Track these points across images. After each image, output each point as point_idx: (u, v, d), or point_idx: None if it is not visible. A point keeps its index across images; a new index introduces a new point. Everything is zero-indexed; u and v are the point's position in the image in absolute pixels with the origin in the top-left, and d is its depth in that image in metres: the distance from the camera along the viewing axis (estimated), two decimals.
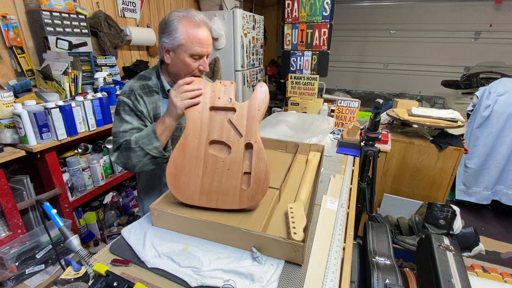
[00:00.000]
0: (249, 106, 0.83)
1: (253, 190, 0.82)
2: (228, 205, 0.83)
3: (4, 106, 1.38)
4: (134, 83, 1.03)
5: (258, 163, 0.81)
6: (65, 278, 0.63)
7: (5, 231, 1.42)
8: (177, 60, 0.99)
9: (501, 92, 2.29)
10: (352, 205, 1.05)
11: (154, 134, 0.91)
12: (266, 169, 0.81)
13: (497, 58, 3.83)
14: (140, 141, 0.91)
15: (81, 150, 1.81)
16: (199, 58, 1.00)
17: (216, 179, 0.84)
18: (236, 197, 0.83)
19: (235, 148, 0.83)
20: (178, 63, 1.00)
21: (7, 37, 1.69)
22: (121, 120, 0.98)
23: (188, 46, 0.95)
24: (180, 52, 0.97)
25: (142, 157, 0.93)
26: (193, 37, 0.95)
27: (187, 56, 0.97)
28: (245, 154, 0.83)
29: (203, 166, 0.84)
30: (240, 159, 0.82)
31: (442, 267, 0.93)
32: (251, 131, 0.82)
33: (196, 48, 0.96)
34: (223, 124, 0.84)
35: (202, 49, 0.97)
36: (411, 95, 4.62)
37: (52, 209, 0.71)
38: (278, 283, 0.66)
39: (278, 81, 5.02)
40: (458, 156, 1.88)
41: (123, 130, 0.96)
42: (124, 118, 0.98)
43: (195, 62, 0.99)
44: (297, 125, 1.93)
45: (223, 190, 0.84)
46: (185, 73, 1.01)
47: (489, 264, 1.98)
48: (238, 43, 3.04)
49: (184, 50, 0.96)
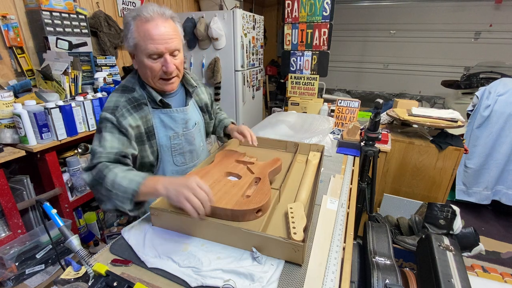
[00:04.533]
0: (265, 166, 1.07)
1: (251, 199, 0.85)
2: (222, 204, 0.81)
3: (4, 106, 1.38)
4: (118, 97, 0.92)
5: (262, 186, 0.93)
6: (65, 278, 0.63)
7: (5, 231, 1.42)
8: (140, 64, 0.91)
9: (501, 92, 2.29)
10: (352, 205, 1.05)
11: (132, 197, 0.76)
12: (268, 189, 0.90)
13: (497, 58, 3.83)
14: (114, 189, 0.77)
15: (81, 150, 1.81)
16: (158, 57, 0.88)
17: (221, 188, 0.91)
18: (235, 198, 0.85)
19: (245, 178, 0.99)
20: (141, 67, 0.91)
21: (7, 37, 1.69)
22: (100, 138, 0.86)
23: (141, 45, 0.86)
24: (138, 54, 0.89)
25: (107, 201, 0.79)
26: (144, 34, 0.84)
27: (145, 57, 0.87)
28: (252, 182, 0.97)
29: (214, 182, 0.94)
30: (247, 183, 0.95)
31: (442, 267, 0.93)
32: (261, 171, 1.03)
33: (149, 46, 0.85)
34: (242, 167, 1.07)
35: (156, 46, 0.85)
36: (411, 95, 4.62)
37: (52, 209, 0.71)
38: (278, 283, 0.66)
39: (278, 81, 5.02)
40: (458, 156, 1.88)
41: (99, 151, 0.84)
42: (104, 137, 0.86)
43: (156, 63, 0.88)
44: (297, 125, 1.93)
45: (223, 191, 0.88)
46: (151, 77, 0.92)
47: (489, 264, 1.98)
48: (238, 43, 3.04)
49: (140, 51, 0.87)
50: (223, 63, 3.14)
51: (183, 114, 1.04)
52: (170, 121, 1.01)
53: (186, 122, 1.06)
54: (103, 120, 0.88)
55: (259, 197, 0.85)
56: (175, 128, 1.03)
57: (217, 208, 0.80)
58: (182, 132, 1.05)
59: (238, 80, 3.20)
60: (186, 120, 1.06)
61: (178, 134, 1.04)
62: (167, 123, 1.01)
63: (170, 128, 1.02)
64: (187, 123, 1.07)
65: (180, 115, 1.03)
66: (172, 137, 1.03)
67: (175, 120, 1.02)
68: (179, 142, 1.05)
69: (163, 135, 1.01)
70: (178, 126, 1.03)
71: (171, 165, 1.07)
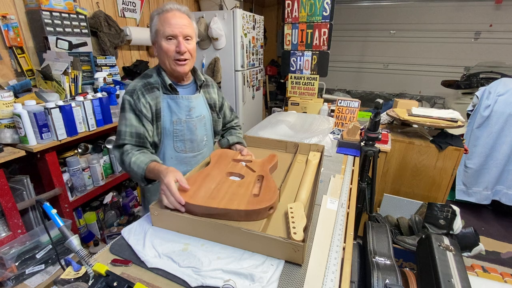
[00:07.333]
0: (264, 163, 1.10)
1: (261, 197, 0.85)
2: (234, 206, 0.81)
3: (4, 106, 1.38)
4: (137, 82, 1.09)
5: (268, 184, 0.94)
6: (65, 278, 0.63)
7: (5, 231, 1.42)
8: (159, 48, 1.07)
9: (501, 92, 2.29)
10: (352, 205, 1.05)
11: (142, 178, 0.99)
12: (274, 186, 0.92)
13: (497, 58, 3.83)
14: (131, 171, 1.00)
15: (81, 150, 1.81)
16: (173, 39, 1.05)
17: (227, 189, 0.91)
18: (245, 198, 0.85)
19: (248, 177, 1.00)
20: (160, 52, 1.07)
21: (7, 37, 1.69)
22: (122, 118, 1.06)
23: (160, 29, 1.04)
24: (158, 39, 1.06)
25: (132, 177, 1.05)
26: (163, 20, 1.03)
27: (163, 40, 1.04)
28: (255, 180, 0.98)
29: (217, 183, 0.94)
30: (251, 182, 0.96)
31: (442, 267, 0.94)
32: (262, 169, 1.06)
33: (166, 29, 1.03)
34: (241, 166, 1.09)
35: (172, 29, 1.03)
36: (411, 95, 4.62)
37: (52, 209, 0.71)
38: (278, 283, 0.66)
39: (278, 81, 5.02)
40: (458, 156, 1.88)
41: (123, 131, 1.04)
42: (125, 116, 1.05)
43: (171, 44, 1.05)
44: (297, 125, 1.93)
45: (231, 193, 0.88)
46: (167, 58, 1.07)
47: (489, 264, 1.98)
48: (238, 43, 3.04)
49: (159, 35, 1.05)
50: (223, 63, 3.14)
51: (188, 102, 1.14)
52: (175, 106, 1.12)
53: (189, 110, 1.15)
54: (124, 101, 1.06)
55: (269, 195, 0.86)
56: (178, 113, 1.12)
57: (229, 210, 0.80)
58: (185, 118, 1.14)
59: (238, 80, 3.20)
60: (190, 108, 1.15)
61: (180, 120, 1.13)
62: (172, 108, 1.11)
63: (174, 113, 1.12)
64: (191, 111, 1.15)
65: (185, 102, 1.13)
66: (175, 122, 1.12)
67: (179, 106, 1.12)
68: (181, 128, 1.14)
69: (168, 119, 1.11)
70: (181, 112, 1.13)
71: (171, 149, 1.16)
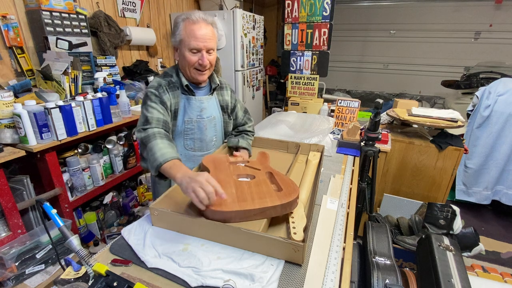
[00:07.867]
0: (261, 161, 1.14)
1: (286, 190, 0.87)
2: (269, 203, 0.80)
3: (4, 106, 1.38)
4: (161, 79, 1.15)
5: (281, 177, 0.96)
6: (65, 278, 0.63)
7: (5, 231, 1.42)
8: (181, 55, 1.11)
9: (501, 92, 2.29)
10: (352, 205, 1.05)
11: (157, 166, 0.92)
12: (287, 177, 0.95)
13: (497, 58, 3.83)
14: (150, 154, 0.95)
15: (81, 150, 1.81)
16: (197, 52, 1.09)
17: (248, 190, 0.90)
18: (272, 194, 0.85)
19: (258, 176, 1.00)
20: (181, 59, 1.12)
21: (7, 37, 1.69)
22: (147, 107, 1.08)
23: (186, 41, 1.07)
24: (181, 47, 1.09)
25: (145, 161, 1.04)
26: (189, 32, 1.06)
27: (187, 51, 1.08)
28: (267, 177, 0.99)
29: (235, 187, 0.92)
30: (265, 179, 0.97)
31: (442, 267, 0.94)
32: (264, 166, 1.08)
33: (192, 43, 1.06)
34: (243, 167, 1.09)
35: (197, 43, 1.06)
36: (411, 95, 4.62)
37: (52, 209, 0.71)
38: (278, 283, 0.66)
39: (278, 81, 5.02)
40: (458, 156, 1.88)
41: (150, 117, 1.05)
42: (151, 105, 1.08)
43: (194, 56, 1.09)
44: (297, 125, 1.93)
45: (255, 192, 0.88)
46: (188, 67, 1.11)
47: (489, 264, 1.98)
48: (238, 43, 3.04)
49: (184, 45, 1.08)
50: (223, 63, 3.14)
51: (199, 103, 1.19)
52: (188, 106, 1.17)
53: (201, 110, 1.20)
54: (149, 94, 1.10)
55: (291, 186, 0.88)
56: (190, 113, 1.18)
57: (266, 208, 0.79)
58: (196, 118, 1.19)
59: (238, 80, 3.20)
60: (201, 108, 1.20)
61: (192, 120, 1.18)
62: (186, 107, 1.17)
63: (187, 113, 1.18)
64: (202, 112, 1.20)
65: (197, 103, 1.18)
66: (186, 121, 1.18)
67: (191, 106, 1.18)
68: (191, 127, 1.20)
69: (181, 118, 1.17)
70: (193, 112, 1.18)
71: (181, 147, 1.22)
